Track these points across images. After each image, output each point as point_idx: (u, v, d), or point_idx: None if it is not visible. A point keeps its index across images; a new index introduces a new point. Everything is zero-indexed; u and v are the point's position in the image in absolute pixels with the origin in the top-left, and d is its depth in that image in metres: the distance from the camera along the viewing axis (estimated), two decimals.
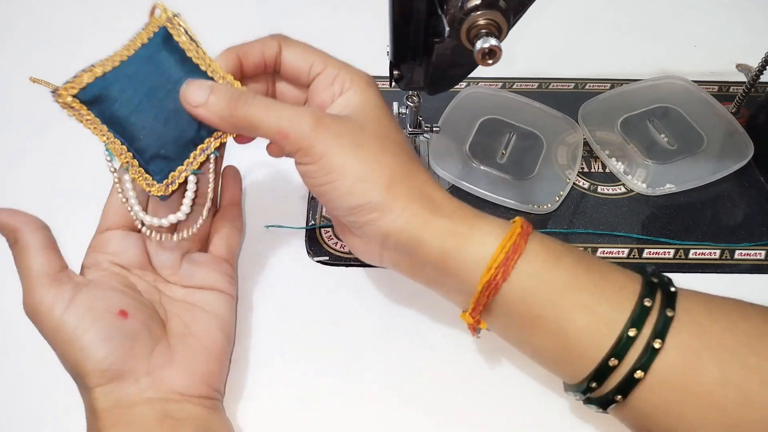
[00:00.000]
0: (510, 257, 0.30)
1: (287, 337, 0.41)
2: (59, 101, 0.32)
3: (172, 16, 0.33)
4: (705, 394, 0.28)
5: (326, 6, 0.63)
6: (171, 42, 0.33)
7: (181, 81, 0.32)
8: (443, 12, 0.33)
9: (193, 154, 0.33)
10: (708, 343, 0.28)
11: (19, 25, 0.62)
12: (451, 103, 0.52)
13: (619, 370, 0.28)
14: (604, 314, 0.29)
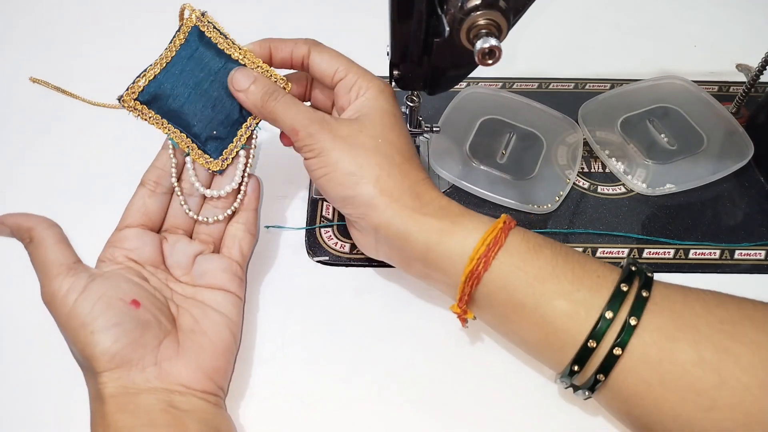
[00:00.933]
0: (491, 249, 0.32)
1: (287, 337, 0.41)
2: (125, 106, 0.38)
3: (200, 14, 0.38)
4: (682, 374, 0.28)
5: (326, 5, 0.63)
6: (204, 38, 0.38)
7: (221, 70, 0.38)
8: (443, 12, 0.33)
9: (240, 132, 0.39)
10: (683, 327, 0.29)
11: (19, 25, 0.62)
12: (451, 103, 0.52)
13: (599, 351, 0.30)
14: (582, 300, 0.30)
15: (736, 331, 0.29)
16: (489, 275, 0.32)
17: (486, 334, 0.41)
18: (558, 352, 0.31)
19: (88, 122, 0.53)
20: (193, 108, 0.38)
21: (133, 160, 0.51)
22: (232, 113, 0.39)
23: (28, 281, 0.44)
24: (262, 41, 0.39)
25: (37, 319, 0.42)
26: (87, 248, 0.46)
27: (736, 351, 0.28)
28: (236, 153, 0.40)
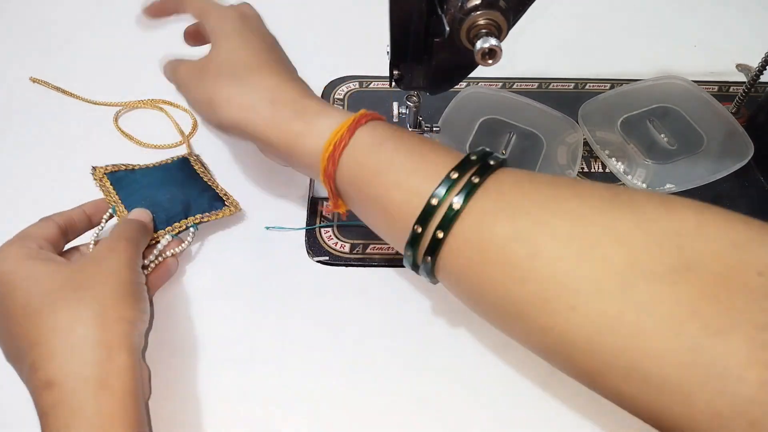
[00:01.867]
0: (336, 149, 0.34)
1: (287, 337, 0.41)
2: (94, 176, 0.45)
3: (195, 154, 0.50)
4: (498, 249, 0.29)
5: (326, 5, 0.63)
6: (187, 165, 0.48)
7: (183, 182, 0.46)
8: (443, 12, 0.33)
9: (174, 224, 0.43)
10: (505, 206, 0.30)
11: (18, 25, 0.62)
12: (451, 103, 0.52)
13: (425, 236, 0.31)
14: (415, 188, 0.32)
15: (560, 206, 0.29)
16: (340, 172, 0.34)
17: (487, 333, 0.41)
18: (400, 238, 0.33)
19: (86, 122, 0.53)
20: (145, 201, 0.43)
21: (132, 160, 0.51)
22: (174, 215, 0.43)
23: None
24: None
25: None
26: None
27: (554, 224, 0.28)
28: (162, 237, 0.42)
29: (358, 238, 0.46)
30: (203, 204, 0.45)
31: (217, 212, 0.44)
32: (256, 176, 0.50)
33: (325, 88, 0.56)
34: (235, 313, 0.42)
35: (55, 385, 0.31)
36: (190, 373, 0.40)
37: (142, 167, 0.47)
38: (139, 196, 0.44)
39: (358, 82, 0.56)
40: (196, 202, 0.44)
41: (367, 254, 0.45)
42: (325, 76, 0.56)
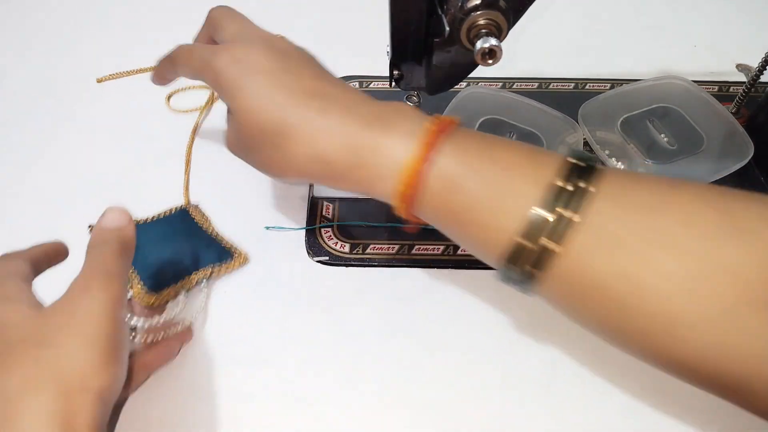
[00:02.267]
0: (412, 187, 0.30)
1: (287, 337, 0.41)
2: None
3: (194, 204, 0.48)
4: (598, 285, 0.28)
5: (326, 5, 0.63)
6: (187, 216, 0.46)
7: (187, 234, 0.44)
8: (443, 12, 0.33)
9: (181, 282, 0.42)
10: (605, 238, 0.28)
11: (19, 24, 0.62)
12: (451, 103, 0.52)
13: (530, 249, 0.28)
14: (514, 203, 0.29)
15: (664, 239, 0.27)
16: (421, 207, 0.31)
17: (487, 334, 0.41)
18: (492, 253, 0.30)
19: (89, 123, 0.54)
20: (149, 256, 0.42)
21: (131, 163, 0.51)
22: (183, 269, 0.42)
23: None
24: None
25: None
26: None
27: (658, 259, 0.27)
28: (171, 296, 0.41)
29: (358, 238, 0.46)
30: (212, 256, 0.43)
31: (227, 264, 0.43)
32: (255, 176, 0.49)
33: None
34: (235, 312, 0.42)
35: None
36: (188, 373, 0.40)
37: (141, 222, 0.45)
38: (144, 251, 0.42)
39: (358, 82, 0.56)
40: (204, 255, 0.43)
41: (367, 254, 0.45)
42: None
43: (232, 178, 0.49)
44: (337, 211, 0.47)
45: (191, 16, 0.46)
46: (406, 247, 0.45)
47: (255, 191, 0.48)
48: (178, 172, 0.50)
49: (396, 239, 0.45)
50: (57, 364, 0.27)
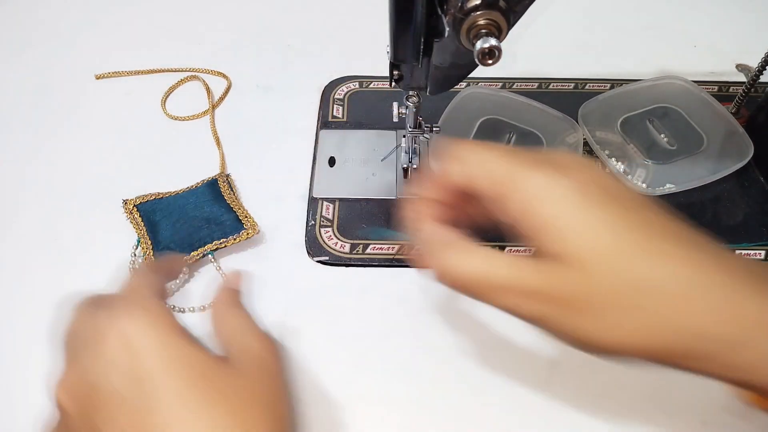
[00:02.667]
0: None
1: (287, 337, 0.41)
2: (124, 206, 0.46)
3: (225, 175, 0.49)
4: None
5: (326, 5, 0.63)
6: (216, 187, 0.47)
7: (208, 205, 0.46)
8: (443, 12, 0.33)
9: (193, 253, 0.43)
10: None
11: (18, 24, 0.62)
12: (451, 102, 0.52)
13: None
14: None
15: None
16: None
17: (487, 333, 0.41)
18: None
19: (87, 123, 0.54)
20: (168, 229, 0.45)
21: (131, 162, 0.51)
22: (193, 238, 0.44)
23: (29, 282, 0.44)
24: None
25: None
26: (79, 245, 0.46)
27: None
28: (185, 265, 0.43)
29: (358, 238, 0.46)
30: (224, 227, 0.44)
31: (234, 237, 0.44)
32: (255, 176, 0.50)
33: (325, 88, 0.56)
34: None
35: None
36: None
37: (170, 194, 0.47)
38: (165, 224, 0.45)
39: (358, 82, 0.56)
40: (218, 225, 0.44)
41: (367, 254, 0.45)
42: (325, 76, 0.56)
43: (232, 178, 0.49)
44: (337, 210, 0.47)
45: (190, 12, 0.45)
46: (406, 247, 0.45)
47: (255, 191, 0.48)
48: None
49: (396, 239, 0.45)
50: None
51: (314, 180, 0.49)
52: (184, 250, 0.43)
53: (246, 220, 0.45)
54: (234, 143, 0.52)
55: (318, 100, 0.55)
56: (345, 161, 0.50)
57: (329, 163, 0.50)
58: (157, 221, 0.45)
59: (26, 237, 0.46)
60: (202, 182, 0.48)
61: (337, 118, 0.53)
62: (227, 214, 0.45)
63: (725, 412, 0.38)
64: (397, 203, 0.48)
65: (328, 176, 0.49)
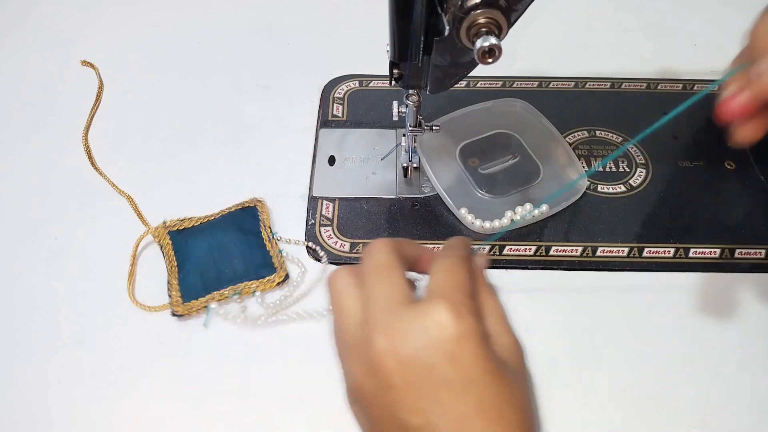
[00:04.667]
0: None
1: (287, 337, 0.41)
2: (153, 232, 0.44)
3: (259, 200, 0.47)
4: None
5: (326, 4, 0.63)
6: (256, 215, 0.46)
7: (241, 235, 0.44)
8: (443, 11, 0.33)
9: (214, 293, 0.42)
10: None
11: (19, 24, 0.62)
12: (479, 105, 0.52)
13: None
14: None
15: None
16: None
17: None
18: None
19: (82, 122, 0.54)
20: (193, 264, 0.43)
21: (130, 162, 0.51)
22: (222, 278, 0.43)
23: (27, 281, 0.44)
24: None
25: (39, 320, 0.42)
26: (84, 249, 0.46)
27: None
28: (202, 307, 0.41)
29: (358, 237, 0.46)
30: (254, 263, 0.43)
31: (262, 280, 0.42)
32: (254, 175, 0.49)
33: (325, 87, 0.56)
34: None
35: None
36: (186, 373, 0.40)
37: (205, 221, 0.45)
38: (195, 255, 0.43)
39: (358, 81, 0.56)
40: (246, 262, 0.43)
41: None
42: (325, 75, 0.56)
43: (232, 177, 0.49)
44: (336, 209, 0.47)
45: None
46: None
47: (255, 190, 0.48)
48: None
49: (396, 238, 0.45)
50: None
51: (314, 179, 0.49)
52: (210, 287, 0.42)
53: (277, 262, 0.43)
54: (234, 142, 0.52)
55: (318, 98, 0.55)
56: (345, 160, 0.50)
57: (329, 162, 0.50)
58: (189, 251, 0.44)
59: (26, 236, 0.46)
60: (235, 207, 0.46)
61: (337, 116, 0.53)
62: (260, 249, 0.44)
63: (725, 412, 0.38)
64: (397, 202, 0.48)
65: (328, 175, 0.49)
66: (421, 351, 0.29)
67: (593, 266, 0.44)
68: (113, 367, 0.40)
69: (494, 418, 0.29)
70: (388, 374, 0.29)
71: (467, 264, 0.34)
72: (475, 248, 0.38)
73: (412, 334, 0.29)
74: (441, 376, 0.29)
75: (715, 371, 0.40)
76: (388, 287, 0.31)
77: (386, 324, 0.30)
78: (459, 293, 0.31)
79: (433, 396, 0.29)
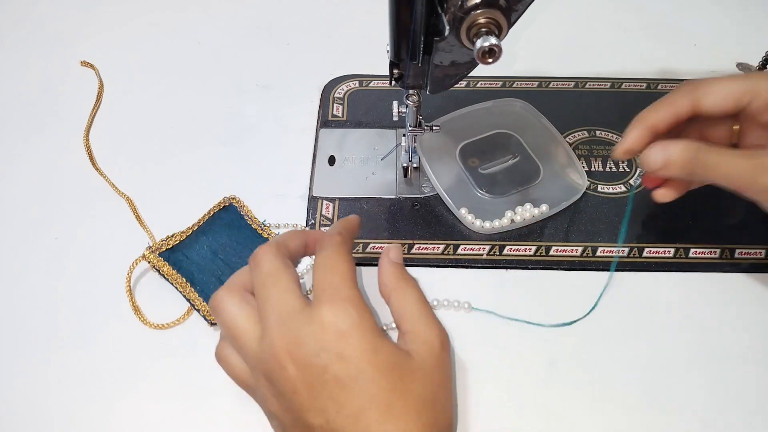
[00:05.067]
0: None
1: None
2: (146, 259, 0.43)
3: (237, 198, 0.47)
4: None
5: (326, 4, 0.63)
6: (239, 213, 0.46)
7: (243, 239, 0.45)
8: (443, 11, 0.33)
9: None
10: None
11: (19, 24, 0.62)
12: (478, 105, 0.52)
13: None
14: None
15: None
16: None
17: (486, 333, 0.41)
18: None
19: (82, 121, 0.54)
20: (206, 272, 0.43)
21: (129, 162, 0.51)
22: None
23: (27, 281, 0.44)
24: (636, 126, 0.37)
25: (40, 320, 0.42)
26: (84, 249, 0.46)
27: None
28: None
29: (358, 237, 0.46)
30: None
31: None
32: (254, 175, 0.49)
33: (325, 86, 0.56)
34: None
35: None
36: (186, 373, 0.40)
37: (189, 233, 0.44)
38: (203, 261, 0.43)
39: (357, 80, 0.56)
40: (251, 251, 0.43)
41: (367, 254, 0.45)
42: (325, 75, 0.56)
43: (232, 177, 0.49)
44: (336, 209, 0.47)
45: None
46: (405, 246, 0.45)
47: (255, 190, 0.48)
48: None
49: (396, 238, 0.45)
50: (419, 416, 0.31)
51: (314, 179, 0.49)
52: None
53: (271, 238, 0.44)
54: (233, 142, 0.52)
55: (318, 98, 0.55)
56: (345, 160, 0.50)
57: (329, 162, 0.50)
58: (192, 267, 0.43)
59: (26, 236, 0.46)
60: (213, 210, 0.46)
61: (337, 116, 0.53)
62: (259, 240, 0.45)
63: (725, 412, 0.38)
64: (397, 202, 0.48)
65: (328, 175, 0.49)
66: (314, 354, 0.31)
67: (593, 266, 0.44)
68: (113, 367, 0.40)
69: (385, 411, 0.30)
70: (291, 380, 0.31)
71: (345, 253, 0.35)
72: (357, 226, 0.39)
73: (304, 339, 0.31)
74: (333, 375, 0.30)
75: (715, 371, 0.40)
76: (277, 296, 0.33)
77: (282, 334, 0.31)
78: (340, 289, 0.33)
79: (329, 394, 0.30)
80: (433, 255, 0.45)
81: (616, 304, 0.42)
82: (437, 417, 0.32)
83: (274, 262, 0.34)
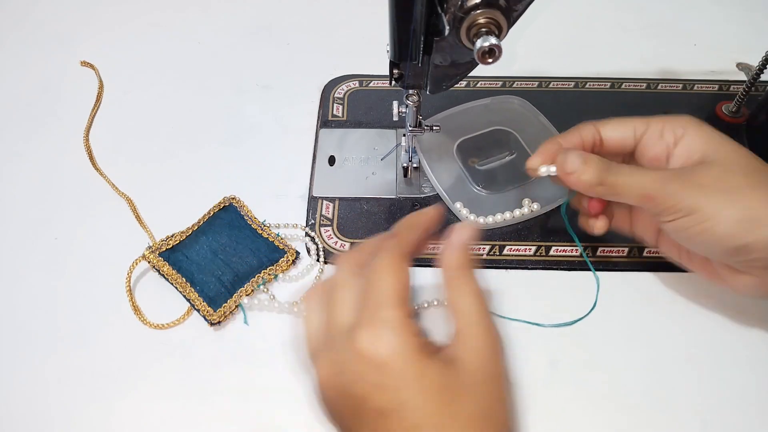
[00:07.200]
0: None
1: (287, 338, 0.41)
2: (146, 259, 0.43)
3: (238, 198, 0.47)
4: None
5: (326, 4, 0.63)
6: (239, 212, 0.46)
7: (243, 238, 0.44)
8: (443, 11, 0.33)
9: (241, 289, 0.42)
10: None
11: (19, 24, 0.62)
12: (474, 103, 0.51)
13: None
14: None
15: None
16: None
17: None
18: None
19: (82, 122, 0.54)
20: (206, 272, 0.43)
21: (129, 161, 0.51)
22: (239, 275, 0.43)
23: (27, 281, 0.44)
24: (548, 143, 0.39)
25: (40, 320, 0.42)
26: (84, 250, 0.46)
27: None
28: (235, 307, 0.42)
29: (358, 237, 0.46)
30: (262, 252, 0.44)
31: (280, 264, 0.43)
32: (255, 175, 0.49)
33: (325, 86, 0.56)
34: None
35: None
36: (185, 373, 0.40)
37: (189, 233, 0.45)
38: (203, 261, 0.43)
39: (357, 80, 0.56)
40: (255, 254, 0.44)
41: None
42: (325, 75, 0.56)
43: (232, 178, 0.49)
44: (336, 209, 0.47)
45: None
46: None
47: (254, 191, 0.48)
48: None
49: None
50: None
51: (314, 179, 0.49)
52: (233, 287, 0.42)
53: (280, 244, 0.44)
54: (234, 142, 0.52)
55: (318, 98, 0.55)
56: (345, 160, 0.50)
57: (329, 162, 0.50)
58: (192, 267, 0.43)
59: (26, 236, 0.46)
60: (213, 210, 0.46)
61: (337, 116, 0.53)
62: (258, 238, 0.45)
63: (725, 411, 0.38)
64: (397, 202, 0.48)
65: (327, 175, 0.49)
66: (353, 383, 0.29)
67: (593, 266, 0.44)
68: (113, 367, 0.40)
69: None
70: (333, 403, 0.31)
71: (396, 261, 0.31)
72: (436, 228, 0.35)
73: (343, 366, 0.30)
74: (374, 406, 0.29)
75: (715, 371, 0.40)
76: (331, 311, 0.32)
77: (326, 354, 0.31)
78: (380, 308, 0.30)
79: (372, 424, 0.29)
80: (433, 255, 0.45)
81: (616, 304, 0.42)
82: (494, 428, 0.30)
83: (340, 274, 0.32)
